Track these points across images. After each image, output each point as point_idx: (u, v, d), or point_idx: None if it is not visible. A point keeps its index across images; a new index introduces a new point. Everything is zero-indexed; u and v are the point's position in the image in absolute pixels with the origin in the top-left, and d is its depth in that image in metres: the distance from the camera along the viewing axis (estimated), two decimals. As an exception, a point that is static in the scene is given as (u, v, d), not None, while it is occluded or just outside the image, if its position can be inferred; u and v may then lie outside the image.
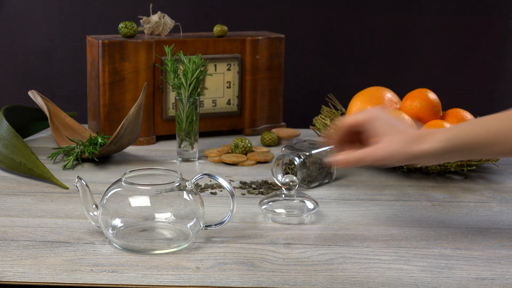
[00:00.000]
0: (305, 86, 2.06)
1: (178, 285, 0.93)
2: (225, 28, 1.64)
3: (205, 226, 1.07)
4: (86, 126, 1.66)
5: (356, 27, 2.05)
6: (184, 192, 1.04)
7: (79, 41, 1.94)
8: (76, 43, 1.98)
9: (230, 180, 1.35)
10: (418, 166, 1.35)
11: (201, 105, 1.63)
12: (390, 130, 1.01)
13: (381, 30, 2.05)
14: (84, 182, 1.05)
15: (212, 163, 1.46)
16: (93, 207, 1.05)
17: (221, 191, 1.28)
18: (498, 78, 2.09)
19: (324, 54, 2.07)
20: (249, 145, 1.50)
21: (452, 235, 1.10)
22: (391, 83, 1.74)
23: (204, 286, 0.93)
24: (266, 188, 1.30)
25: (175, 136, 1.51)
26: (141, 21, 1.62)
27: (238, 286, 0.93)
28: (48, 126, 1.63)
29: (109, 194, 1.04)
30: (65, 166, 1.40)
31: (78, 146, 1.43)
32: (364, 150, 1.01)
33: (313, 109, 1.71)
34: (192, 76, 1.43)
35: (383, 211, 1.21)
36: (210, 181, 1.32)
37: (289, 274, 0.96)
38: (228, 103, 1.66)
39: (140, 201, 1.03)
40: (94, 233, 1.08)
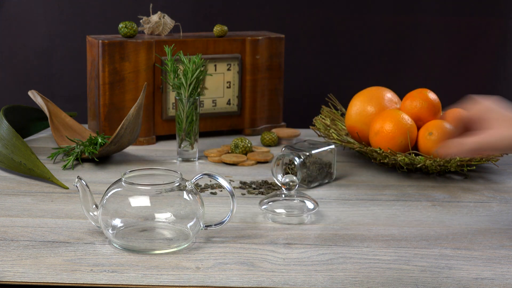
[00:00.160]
0: (305, 86, 2.06)
1: (178, 285, 0.93)
2: (225, 28, 1.64)
3: (205, 226, 1.07)
4: (86, 126, 1.66)
5: (356, 27, 2.05)
6: (184, 192, 1.04)
7: (79, 41, 1.94)
8: (76, 43, 1.98)
9: (230, 180, 1.35)
10: (418, 166, 1.35)
11: (201, 105, 1.63)
12: (503, 118, 1.00)
13: (381, 30, 2.05)
14: (84, 182, 1.05)
15: (212, 163, 1.46)
16: (93, 207, 1.05)
17: (221, 191, 1.28)
18: (498, 78, 2.09)
19: (324, 54, 2.07)
20: (249, 145, 1.50)
21: (452, 235, 1.10)
22: (391, 83, 1.74)
23: (204, 286, 0.93)
24: (266, 188, 1.30)
25: (175, 136, 1.51)
26: (141, 21, 1.62)
27: (238, 286, 0.93)
28: (48, 126, 1.63)
29: (109, 194, 1.04)
30: (65, 166, 1.40)
31: (78, 146, 1.43)
32: (478, 137, 0.99)
33: (313, 109, 1.71)
34: (192, 76, 1.43)
35: (383, 211, 1.21)
36: (210, 181, 1.32)
37: (289, 274, 0.96)
38: (228, 103, 1.66)
39: (140, 201, 1.03)
40: (94, 233, 1.08)
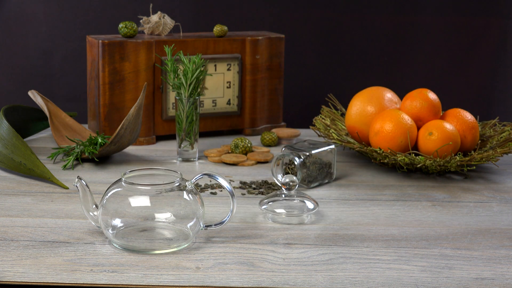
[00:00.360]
0: (305, 86, 2.06)
1: (178, 285, 0.93)
2: (225, 28, 1.64)
3: (205, 226, 1.07)
4: (86, 126, 1.66)
5: (356, 27, 2.05)
6: (184, 192, 1.04)
7: (79, 41, 1.95)
8: (76, 43, 1.98)
9: (230, 180, 1.35)
10: (418, 166, 1.35)
11: (201, 105, 1.63)
12: None
13: (381, 30, 2.05)
14: (84, 182, 1.05)
15: (212, 163, 1.46)
16: (93, 207, 1.05)
17: (221, 191, 1.28)
18: (498, 78, 2.09)
19: (324, 54, 2.07)
20: (249, 145, 1.50)
21: (452, 235, 1.10)
22: (391, 83, 1.74)
23: (204, 286, 0.93)
24: (266, 188, 1.30)
25: (175, 136, 1.51)
26: (141, 21, 1.62)
27: (238, 286, 0.93)
28: (48, 126, 1.63)
29: (109, 194, 1.04)
30: (65, 166, 1.40)
31: (78, 146, 1.43)
32: None
33: (313, 109, 1.71)
34: (192, 76, 1.43)
35: (383, 211, 1.21)
36: (210, 181, 1.32)
37: (289, 274, 0.96)
38: (228, 103, 1.66)
39: (140, 201, 1.03)
40: (94, 233, 1.08)
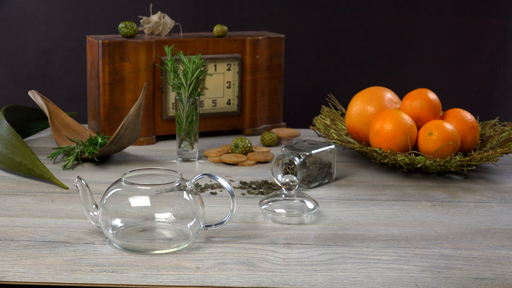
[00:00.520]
0: (305, 86, 2.06)
1: (178, 285, 0.93)
2: (225, 28, 1.64)
3: (205, 226, 1.07)
4: (86, 126, 1.66)
5: (356, 27, 2.05)
6: (184, 192, 1.04)
7: (79, 41, 1.95)
8: (76, 43, 1.98)
9: (230, 180, 1.35)
10: (418, 166, 1.35)
11: (201, 105, 1.63)
12: None
13: (381, 30, 2.05)
14: (84, 182, 1.05)
15: (212, 163, 1.46)
16: (93, 207, 1.05)
17: (221, 191, 1.28)
18: (498, 78, 2.09)
19: (324, 54, 2.07)
20: (249, 145, 1.50)
21: (452, 235, 1.10)
22: (391, 83, 1.74)
23: (204, 286, 0.93)
24: (266, 188, 1.30)
25: (175, 136, 1.51)
26: (141, 21, 1.62)
27: (238, 286, 0.93)
28: (48, 126, 1.63)
29: (109, 194, 1.04)
30: (65, 166, 1.40)
31: (78, 146, 1.43)
32: None
33: (313, 109, 1.71)
34: (192, 76, 1.43)
35: (383, 211, 1.21)
36: (210, 181, 1.32)
37: (289, 274, 0.96)
38: (228, 103, 1.66)
39: (140, 201, 1.03)
40: (94, 233, 1.08)
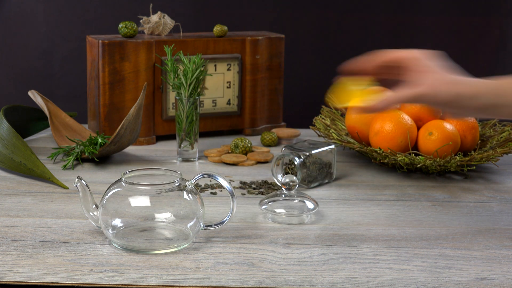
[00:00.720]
0: (305, 86, 2.06)
1: (178, 285, 0.93)
2: (225, 28, 1.64)
3: (205, 226, 1.07)
4: (86, 126, 1.66)
5: (356, 27, 2.05)
6: (184, 192, 1.04)
7: (79, 41, 1.95)
8: (76, 43, 1.98)
9: (230, 180, 1.35)
10: (418, 166, 1.35)
11: (201, 105, 1.63)
12: (440, 70, 1.01)
13: (381, 30, 2.05)
14: (84, 182, 1.05)
15: (212, 163, 1.46)
16: (93, 207, 1.05)
17: (221, 191, 1.28)
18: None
19: (324, 54, 2.07)
20: (249, 145, 1.50)
21: (452, 235, 1.10)
22: (391, 83, 1.74)
23: (204, 286, 0.93)
24: (266, 188, 1.30)
25: (175, 136, 1.51)
26: (141, 21, 1.62)
27: (238, 286, 0.93)
28: (48, 126, 1.63)
29: (109, 194, 1.04)
30: (65, 166, 1.40)
31: (78, 146, 1.43)
32: (416, 89, 1.00)
33: (313, 109, 1.71)
34: (192, 76, 1.43)
35: (383, 211, 1.21)
36: (210, 181, 1.32)
37: (289, 274, 0.96)
38: (228, 103, 1.66)
39: (140, 201, 1.03)
40: (94, 233, 1.08)
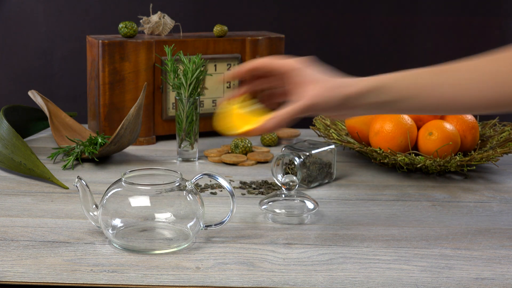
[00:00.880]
0: (305, 86, 2.06)
1: (178, 285, 0.93)
2: (225, 28, 1.64)
3: (205, 226, 1.07)
4: (86, 126, 1.66)
5: (356, 27, 2.05)
6: (184, 192, 1.04)
7: (79, 41, 1.94)
8: (76, 43, 1.98)
9: (230, 180, 1.35)
10: (418, 166, 1.35)
11: (201, 105, 1.63)
12: (321, 77, 1.01)
13: (381, 30, 2.05)
14: (84, 182, 1.05)
15: (212, 163, 1.46)
16: (93, 207, 1.05)
17: (221, 191, 1.28)
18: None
19: (324, 54, 2.06)
20: (249, 145, 1.50)
21: (452, 235, 1.10)
22: (391, 83, 1.74)
23: (204, 286, 0.93)
24: (266, 188, 1.30)
25: (175, 136, 1.51)
26: (141, 21, 1.62)
27: (238, 286, 0.93)
28: (48, 126, 1.63)
29: (109, 194, 1.04)
30: (65, 166, 1.40)
31: (78, 146, 1.43)
32: (299, 103, 0.98)
33: (313, 109, 1.71)
34: (192, 76, 1.43)
35: (383, 211, 1.21)
36: (210, 181, 1.32)
37: (289, 274, 0.96)
38: (228, 103, 1.66)
39: (140, 201, 1.03)
40: (94, 233, 1.08)
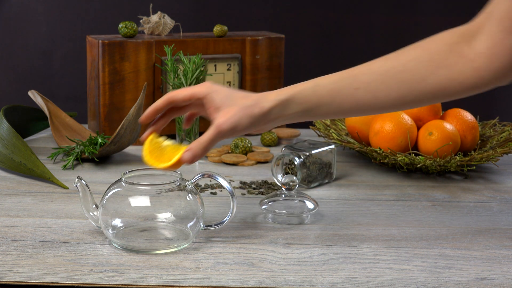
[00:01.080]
0: (305, 86, 2.06)
1: (178, 285, 0.93)
2: (225, 28, 1.64)
3: (205, 226, 1.07)
4: (86, 126, 1.66)
5: (356, 27, 2.05)
6: (184, 192, 1.04)
7: (79, 41, 1.95)
8: (76, 43, 1.98)
9: (230, 180, 1.35)
10: (418, 166, 1.35)
11: (201, 105, 1.63)
12: (229, 100, 1.00)
13: (381, 30, 2.05)
14: (84, 182, 1.05)
15: (212, 163, 1.46)
16: (93, 207, 1.05)
17: (221, 191, 1.28)
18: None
19: (324, 54, 2.07)
20: (249, 145, 1.50)
21: (452, 235, 1.10)
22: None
23: (204, 286, 0.93)
24: (266, 188, 1.30)
25: (175, 136, 1.50)
26: (141, 21, 1.62)
27: (238, 286, 0.93)
28: (48, 126, 1.63)
29: (109, 194, 1.04)
30: (65, 166, 1.40)
31: (78, 146, 1.43)
32: (210, 131, 0.99)
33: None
34: (192, 76, 1.43)
35: (383, 211, 1.21)
36: (210, 181, 1.32)
37: (289, 274, 0.96)
38: (228, 103, 1.66)
39: (140, 201, 1.03)
40: (94, 233, 1.08)
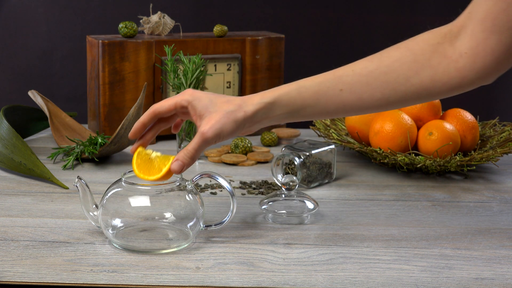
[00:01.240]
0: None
1: (178, 285, 0.93)
2: (225, 28, 1.64)
3: (205, 226, 1.07)
4: (86, 126, 1.66)
5: (356, 27, 2.05)
6: (184, 192, 1.04)
7: (79, 41, 1.95)
8: (76, 43, 1.98)
9: (230, 180, 1.35)
10: (418, 166, 1.35)
11: (201, 105, 1.63)
12: (212, 107, 1.01)
13: (381, 30, 2.05)
14: (84, 182, 1.05)
15: (212, 163, 1.46)
16: (93, 207, 1.05)
17: (221, 191, 1.28)
18: (498, 78, 2.09)
19: (324, 54, 2.07)
20: (249, 145, 1.50)
21: (452, 235, 1.10)
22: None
23: (204, 286, 0.93)
24: (266, 188, 1.30)
25: (175, 136, 1.50)
26: (141, 21, 1.62)
27: (238, 286, 0.93)
28: (48, 126, 1.63)
29: (109, 194, 1.04)
30: (65, 166, 1.40)
31: (78, 146, 1.43)
32: (195, 140, 0.99)
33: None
34: (192, 76, 1.43)
35: (383, 211, 1.21)
36: (210, 181, 1.32)
37: (289, 274, 0.96)
38: (228, 103, 1.66)
39: (140, 201, 1.03)
40: (94, 233, 1.08)
